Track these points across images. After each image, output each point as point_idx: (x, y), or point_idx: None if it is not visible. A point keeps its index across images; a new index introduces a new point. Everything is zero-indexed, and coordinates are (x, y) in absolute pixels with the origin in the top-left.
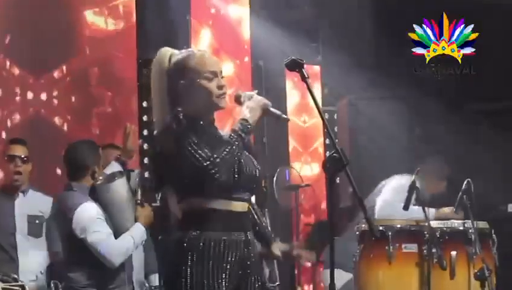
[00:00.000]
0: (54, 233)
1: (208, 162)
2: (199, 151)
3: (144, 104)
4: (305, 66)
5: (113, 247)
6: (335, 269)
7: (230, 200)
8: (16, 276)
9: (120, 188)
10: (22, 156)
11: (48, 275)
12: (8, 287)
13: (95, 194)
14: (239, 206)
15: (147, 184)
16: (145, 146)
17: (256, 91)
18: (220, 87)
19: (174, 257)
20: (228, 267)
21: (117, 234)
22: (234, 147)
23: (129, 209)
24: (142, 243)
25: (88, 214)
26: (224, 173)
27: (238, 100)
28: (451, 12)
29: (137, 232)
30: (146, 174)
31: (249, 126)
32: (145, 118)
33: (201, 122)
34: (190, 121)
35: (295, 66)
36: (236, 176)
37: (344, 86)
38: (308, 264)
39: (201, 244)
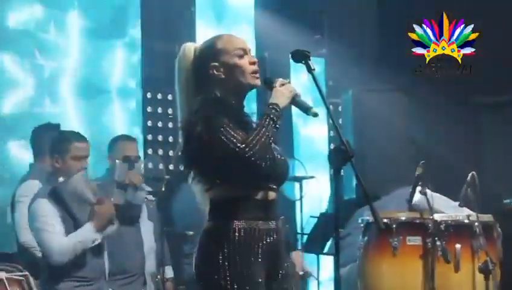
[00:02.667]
0: None
1: (244, 145)
2: (233, 134)
3: (148, 95)
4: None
5: (56, 246)
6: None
7: (262, 188)
8: (20, 267)
9: (80, 183)
10: None
11: None
12: (11, 277)
13: (54, 193)
14: (270, 194)
15: (152, 174)
16: (149, 137)
17: (289, 80)
18: (253, 63)
19: (206, 246)
20: (260, 255)
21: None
22: (267, 129)
23: (87, 204)
24: (95, 242)
25: (38, 211)
26: (259, 156)
27: (269, 84)
28: (451, 12)
29: (85, 232)
30: (150, 165)
31: (279, 111)
32: (149, 109)
33: (233, 104)
34: (222, 104)
35: (301, 57)
36: (269, 163)
37: (348, 78)
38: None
39: (233, 232)
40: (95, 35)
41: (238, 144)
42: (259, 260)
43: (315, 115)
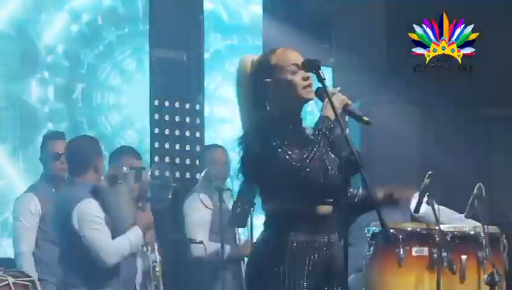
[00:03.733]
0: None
1: (299, 163)
2: (289, 153)
3: (156, 102)
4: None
5: (109, 247)
6: None
7: (315, 202)
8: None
9: (123, 191)
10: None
11: None
12: (18, 282)
13: (97, 194)
14: (323, 209)
15: (158, 182)
16: (156, 144)
17: (339, 88)
18: (305, 78)
19: (254, 256)
20: (308, 269)
21: (114, 236)
22: (320, 146)
23: (129, 213)
24: (138, 247)
25: (89, 211)
26: (314, 173)
27: (321, 95)
28: (451, 12)
29: (134, 236)
30: (157, 173)
31: (331, 123)
32: (156, 116)
33: (289, 121)
34: (278, 121)
35: (312, 67)
36: (323, 178)
37: (356, 88)
38: None
39: (279, 244)
40: None
41: (293, 163)
42: (308, 273)
43: (367, 122)
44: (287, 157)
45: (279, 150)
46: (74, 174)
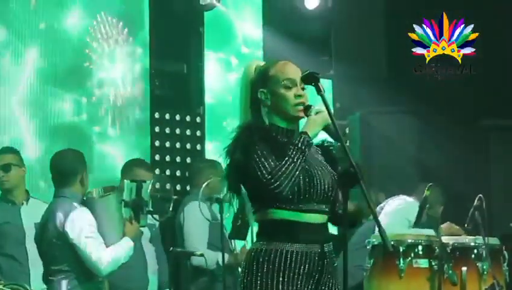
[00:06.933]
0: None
1: (270, 176)
2: (265, 163)
3: (156, 114)
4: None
5: (105, 256)
6: None
7: (301, 211)
8: (26, 285)
9: (112, 203)
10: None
11: None
12: None
13: (86, 206)
14: (311, 217)
15: (158, 195)
16: (157, 157)
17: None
18: (298, 96)
19: (246, 267)
20: (298, 279)
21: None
22: (294, 160)
23: (119, 224)
24: (128, 257)
25: (84, 219)
26: (285, 187)
27: (306, 112)
28: (451, 12)
29: (126, 246)
30: (157, 185)
31: (309, 139)
32: (157, 129)
33: (275, 134)
34: (263, 131)
35: (311, 79)
36: (304, 187)
37: (355, 100)
38: None
39: (271, 255)
40: None
41: (266, 175)
42: (298, 284)
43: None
44: (261, 167)
45: (256, 159)
46: (61, 186)
